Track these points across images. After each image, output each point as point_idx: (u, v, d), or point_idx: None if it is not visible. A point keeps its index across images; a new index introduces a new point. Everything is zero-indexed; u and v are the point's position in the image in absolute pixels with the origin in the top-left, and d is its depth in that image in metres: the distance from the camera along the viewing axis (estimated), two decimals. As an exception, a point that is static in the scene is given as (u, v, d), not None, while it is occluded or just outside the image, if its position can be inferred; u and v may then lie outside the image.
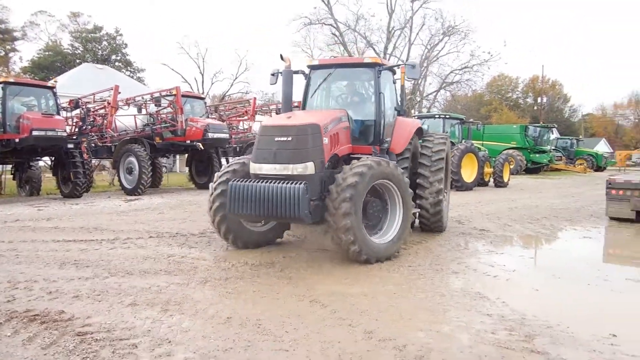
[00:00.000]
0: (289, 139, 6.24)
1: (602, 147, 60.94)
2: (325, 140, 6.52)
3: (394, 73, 8.28)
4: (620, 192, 10.51)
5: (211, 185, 7.16)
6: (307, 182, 6.05)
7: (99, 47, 52.26)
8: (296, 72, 8.01)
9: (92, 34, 51.80)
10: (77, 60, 47.00)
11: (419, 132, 8.74)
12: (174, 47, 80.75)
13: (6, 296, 4.97)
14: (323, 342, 3.87)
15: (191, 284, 5.46)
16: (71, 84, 28.47)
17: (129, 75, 47.34)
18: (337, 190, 6.11)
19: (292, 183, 5.99)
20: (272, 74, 8.03)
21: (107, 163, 24.45)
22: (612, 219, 10.83)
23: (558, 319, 4.44)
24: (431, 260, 6.77)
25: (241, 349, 3.71)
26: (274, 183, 6.07)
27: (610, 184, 10.70)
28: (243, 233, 7.19)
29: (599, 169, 37.80)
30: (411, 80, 9.56)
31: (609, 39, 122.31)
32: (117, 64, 51.37)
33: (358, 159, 6.73)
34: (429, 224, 8.60)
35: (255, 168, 6.47)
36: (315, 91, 8.06)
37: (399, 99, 8.44)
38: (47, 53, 48.39)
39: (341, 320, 4.36)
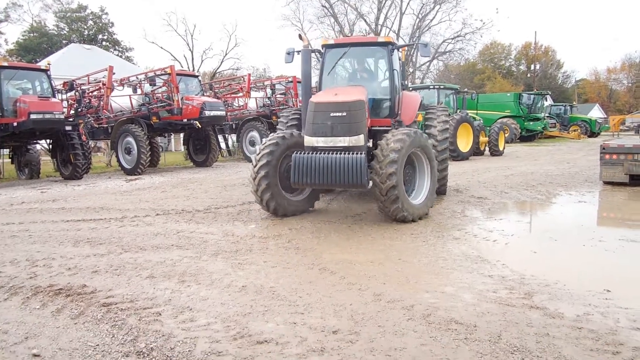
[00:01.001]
0: (344, 114, 6.85)
1: (595, 112, 61.19)
2: (366, 114, 7.23)
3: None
4: (614, 156, 10.74)
5: (254, 157, 7.61)
6: (362, 152, 6.75)
7: (85, 27, 51.39)
8: (313, 51, 8.42)
9: (77, 14, 50.81)
10: (64, 41, 46.27)
11: (421, 105, 9.36)
12: (161, 25, 79.13)
13: (28, 273, 5.17)
14: (335, 305, 4.11)
15: (203, 257, 5.68)
16: (60, 65, 28.12)
17: (117, 55, 46.73)
18: (383, 154, 6.91)
19: (353, 154, 6.65)
20: (288, 53, 8.31)
21: (102, 144, 24.51)
22: (606, 183, 11.09)
23: (555, 277, 4.70)
24: (432, 227, 7.01)
25: (259, 314, 3.95)
26: (337, 154, 6.68)
27: (604, 148, 10.92)
28: (283, 202, 7.73)
29: (593, 134, 38.09)
30: (425, 57, 10.88)
31: (601, 2, 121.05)
32: (104, 43, 50.61)
33: (385, 131, 7.65)
34: (438, 186, 9.06)
35: (312, 141, 7.02)
36: (331, 70, 8.49)
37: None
38: (32, 35, 47.53)
39: (351, 285, 4.60)
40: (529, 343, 3.32)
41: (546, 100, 37.24)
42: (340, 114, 6.86)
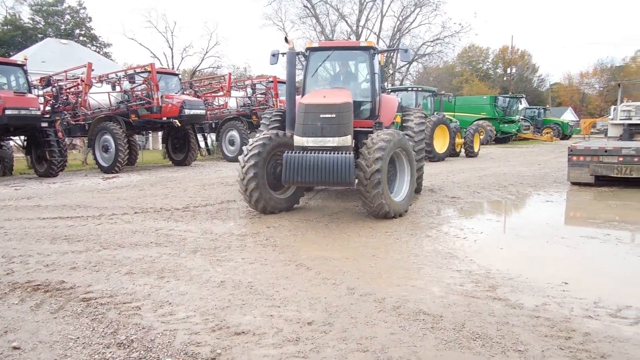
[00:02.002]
0: (333, 115, 7.19)
1: (568, 115, 62.80)
2: (352, 116, 7.55)
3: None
4: (581, 158, 11.19)
5: (242, 157, 7.72)
6: (349, 152, 7.09)
7: (62, 21, 50.39)
8: (298, 54, 8.73)
9: (54, 7, 49.76)
10: (39, 35, 45.30)
11: (399, 107, 9.71)
12: (141, 21, 78.04)
13: (5, 270, 5.20)
14: (310, 298, 4.29)
15: (182, 254, 5.79)
16: (36, 59, 27.63)
17: (95, 51, 45.98)
18: (369, 152, 7.22)
19: (342, 153, 6.96)
20: (273, 55, 8.54)
21: (77, 141, 24.16)
22: (573, 183, 11.54)
23: (518, 271, 4.97)
24: (406, 225, 7.25)
25: (237, 307, 4.09)
26: (327, 154, 6.98)
27: (571, 150, 11.37)
28: (269, 200, 7.88)
29: (565, 137, 39.17)
30: (404, 62, 11.49)
31: (575, 9, 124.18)
32: (81, 38, 49.73)
33: (366, 132, 8.04)
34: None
35: (302, 141, 7.30)
36: (314, 72, 8.80)
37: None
38: (5, 27, 46.37)
39: (326, 280, 4.79)
40: (490, 331, 3.56)
41: (521, 103, 38.22)
42: (329, 116, 7.15)
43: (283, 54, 8.41)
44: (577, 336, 3.47)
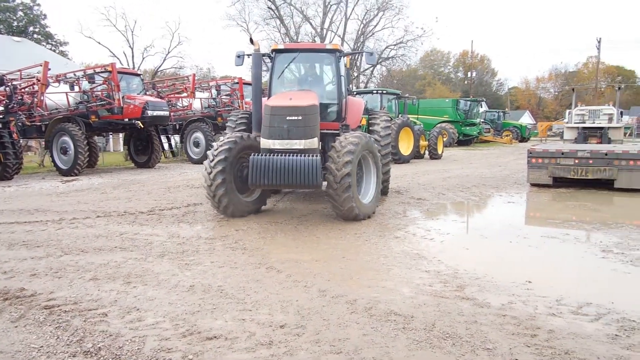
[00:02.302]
0: (299, 117, 7.12)
1: (526, 119, 65.08)
2: (318, 118, 7.50)
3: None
4: (539, 160, 11.62)
5: (208, 163, 7.52)
6: (316, 154, 7.05)
7: (14, 18, 48.25)
8: (264, 55, 8.57)
9: (5, 3, 47.57)
10: (-10, 32, 43.28)
11: (365, 109, 9.74)
12: (99, 19, 75.69)
13: (-41, 278, 4.94)
14: (282, 301, 4.27)
15: (149, 259, 5.65)
16: (-13, 58, 26.40)
17: (50, 49, 44.28)
18: (337, 155, 7.21)
19: (309, 156, 6.91)
20: (238, 56, 8.37)
21: (33, 143, 23.21)
22: (532, 185, 11.97)
23: (484, 271, 5.11)
24: (374, 227, 7.32)
25: (207, 312, 4.03)
26: (293, 156, 6.91)
27: (530, 153, 11.78)
28: (240, 205, 7.79)
29: (524, 139, 40.55)
30: (370, 65, 11.43)
31: (532, 15, 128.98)
32: (35, 36, 47.81)
33: (333, 134, 8.13)
34: (381, 188, 9.53)
35: (269, 143, 7.21)
36: (280, 74, 8.70)
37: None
38: (-47, 23, 44.14)
39: (297, 282, 4.78)
40: (460, 330, 3.64)
41: (481, 107, 39.32)
42: (295, 118, 7.10)
43: (249, 55, 8.32)
44: (542, 333, 3.59)
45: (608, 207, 9.62)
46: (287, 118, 7.11)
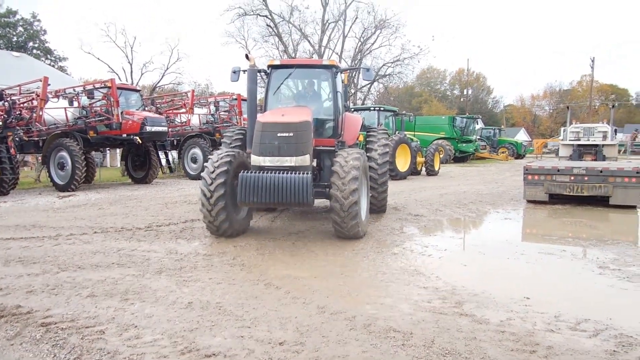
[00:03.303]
0: (291, 134, 6.98)
1: (521, 136, 65.56)
2: (312, 135, 7.39)
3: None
4: (536, 177, 11.69)
5: (207, 174, 7.25)
6: (308, 172, 6.89)
7: (14, 33, 48.63)
8: (259, 71, 8.49)
9: (5, 19, 48.02)
10: (-10, 48, 43.52)
11: (362, 126, 9.69)
12: (99, 35, 76.30)
13: (-45, 295, 4.91)
14: (281, 318, 4.26)
15: (146, 275, 5.63)
16: (-14, 73, 26.49)
17: (49, 64, 44.53)
18: (344, 171, 7.10)
19: (299, 173, 6.75)
20: (234, 72, 8.31)
21: (29, 158, 23.18)
22: (529, 201, 12.02)
23: (482, 287, 5.12)
24: (372, 243, 7.33)
25: (206, 329, 4.02)
26: (284, 174, 6.74)
27: (526, 170, 11.86)
28: (235, 223, 7.62)
29: (519, 156, 40.77)
30: (366, 81, 11.28)
31: (527, 34, 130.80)
32: (35, 51, 48.10)
33: (329, 151, 8.16)
34: (379, 205, 9.82)
35: (259, 160, 7.06)
36: (276, 90, 8.63)
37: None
38: (-46, 39, 44.40)
39: (295, 299, 4.77)
40: (459, 346, 3.64)
41: (477, 124, 39.67)
42: (287, 134, 6.97)
43: (244, 71, 8.24)
44: (541, 350, 3.60)
45: (604, 223, 9.66)
46: (279, 135, 6.98)
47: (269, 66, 8.67)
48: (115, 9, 70.37)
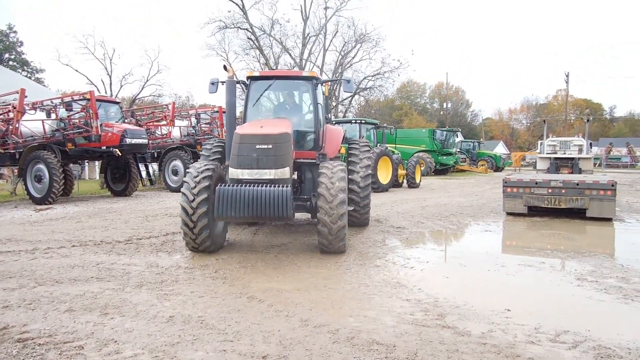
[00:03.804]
0: (269, 146, 6.83)
1: (500, 149, 66.78)
2: (292, 147, 7.27)
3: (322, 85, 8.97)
4: (515, 189, 11.90)
5: (188, 190, 6.95)
6: (287, 185, 6.74)
7: (-10, 45, 47.85)
8: (238, 82, 8.30)
9: (-18, 31, 47.28)
10: (-35, 58, 42.69)
11: (344, 138, 9.64)
12: (77, 47, 75.40)
13: None
14: (264, 331, 4.24)
15: (126, 289, 5.54)
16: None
17: (26, 76, 43.82)
18: (331, 194, 6.90)
19: (278, 186, 6.59)
20: (212, 83, 8.15)
21: (5, 171, 22.66)
22: (508, 214, 12.21)
23: (464, 299, 5.17)
24: (354, 256, 7.34)
25: (188, 343, 3.97)
26: (263, 187, 6.57)
27: (505, 182, 12.07)
28: (217, 237, 7.49)
29: (498, 169, 41.49)
30: (348, 93, 11.11)
31: (504, 49, 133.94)
32: (11, 63, 47.33)
33: (310, 164, 8.08)
34: (361, 218, 9.71)
35: (237, 173, 6.88)
36: (256, 101, 8.51)
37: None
38: None
39: (278, 312, 4.75)
40: (441, 358, 3.67)
41: (457, 137, 40.26)
42: (265, 146, 6.83)
43: (223, 82, 8.09)
44: (522, 360, 3.65)
45: (581, 235, 9.87)
46: (257, 147, 6.82)
47: (248, 77, 8.55)
48: (94, 21, 69.91)
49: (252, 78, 8.51)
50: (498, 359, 3.67)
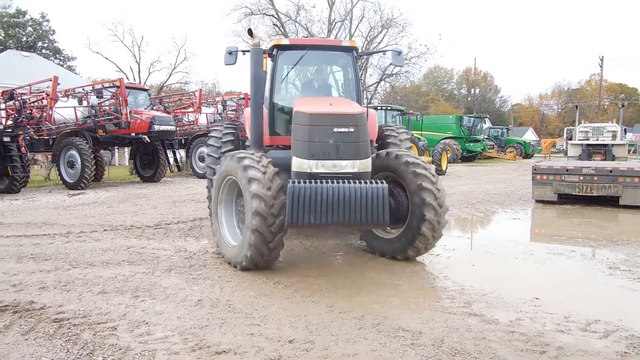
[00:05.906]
0: (351, 129, 5.42)
1: (529, 135, 65.12)
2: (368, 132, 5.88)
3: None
4: (544, 177, 11.64)
5: (260, 174, 5.33)
6: (380, 181, 5.34)
7: (23, 33, 49.03)
8: (264, 52, 6.57)
9: (15, 19, 48.41)
10: (-1, 47, 43.94)
11: None
12: (106, 35, 76.91)
13: (-31, 291, 4.98)
14: (290, 316, 4.29)
15: (156, 272, 5.68)
16: (-4, 72, 26.74)
17: (58, 64, 44.87)
18: (437, 188, 5.97)
19: (373, 183, 5.21)
20: (230, 53, 6.69)
21: (39, 157, 23.40)
22: (537, 201, 11.97)
23: (491, 287, 5.11)
24: (380, 242, 7.32)
25: (216, 326, 4.05)
26: (349, 184, 5.15)
27: (535, 169, 11.81)
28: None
29: (527, 156, 40.56)
30: (397, 67, 8.51)
31: (535, 33, 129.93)
32: (44, 51, 48.49)
33: None
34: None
35: (309, 166, 5.40)
36: (286, 76, 6.99)
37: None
38: (-36, 39, 44.83)
39: (305, 297, 4.79)
40: (468, 346, 3.64)
41: (485, 123, 39.51)
42: (346, 130, 5.40)
43: (244, 51, 6.70)
44: (551, 350, 3.59)
45: (613, 224, 9.60)
46: (335, 130, 5.37)
47: (274, 47, 6.86)
48: (123, 8, 70.88)
49: (280, 47, 6.83)
50: (526, 348, 3.62)
